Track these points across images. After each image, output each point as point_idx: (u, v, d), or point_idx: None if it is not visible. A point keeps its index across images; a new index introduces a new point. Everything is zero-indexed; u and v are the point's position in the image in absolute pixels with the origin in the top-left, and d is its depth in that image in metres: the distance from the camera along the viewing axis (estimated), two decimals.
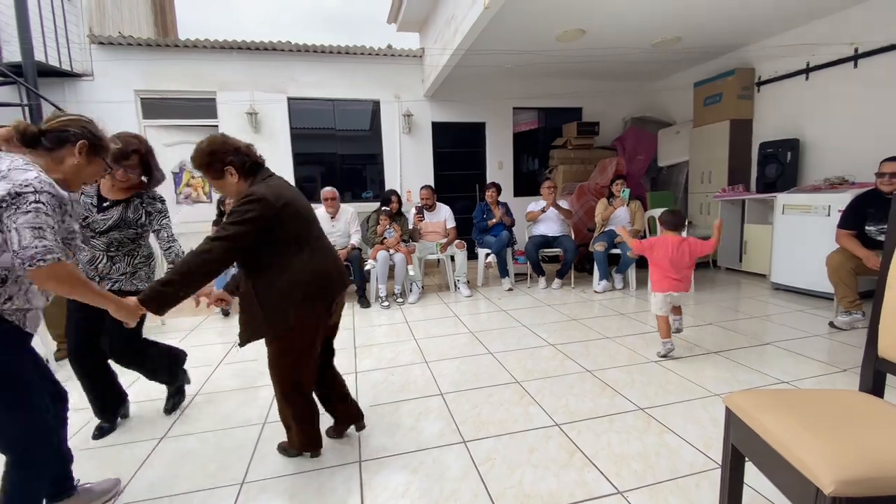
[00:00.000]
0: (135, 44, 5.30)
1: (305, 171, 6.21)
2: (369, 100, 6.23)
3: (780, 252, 4.25)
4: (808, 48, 4.57)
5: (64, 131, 1.33)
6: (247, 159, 1.66)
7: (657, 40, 4.84)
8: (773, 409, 1.14)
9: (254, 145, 1.73)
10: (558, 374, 2.57)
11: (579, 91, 6.77)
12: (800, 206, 4.07)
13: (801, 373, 2.46)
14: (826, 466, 0.93)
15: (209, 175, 1.65)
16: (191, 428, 2.15)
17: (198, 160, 1.63)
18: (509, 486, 1.61)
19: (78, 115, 1.40)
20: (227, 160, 1.62)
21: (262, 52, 5.69)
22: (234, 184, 1.66)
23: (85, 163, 1.38)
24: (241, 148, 1.66)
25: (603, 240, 4.53)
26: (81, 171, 1.38)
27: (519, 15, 3.97)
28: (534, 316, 3.77)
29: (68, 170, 1.35)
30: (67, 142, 1.34)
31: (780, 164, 4.74)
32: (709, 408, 2.11)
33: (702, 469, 1.66)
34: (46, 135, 1.31)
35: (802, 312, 3.58)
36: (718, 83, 5.37)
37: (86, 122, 1.39)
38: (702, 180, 5.69)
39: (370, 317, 4.00)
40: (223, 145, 1.63)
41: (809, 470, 0.95)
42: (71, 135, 1.34)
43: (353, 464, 1.80)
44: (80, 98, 5.21)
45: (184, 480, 1.74)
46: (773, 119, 5.08)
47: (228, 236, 1.49)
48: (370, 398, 2.37)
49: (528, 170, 7.16)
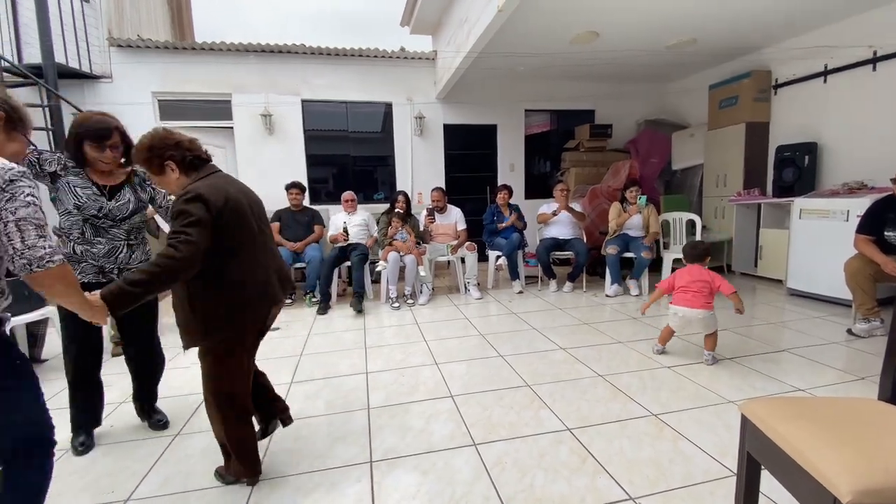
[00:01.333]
0: (153, 46, 5.40)
1: (318, 172, 6.26)
2: (382, 102, 6.27)
3: (796, 257, 4.18)
4: (825, 51, 4.50)
5: None
6: (188, 154, 1.57)
7: (672, 42, 4.80)
8: (790, 417, 1.13)
9: (198, 140, 1.65)
10: (570, 378, 2.56)
11: (592, 93, 6.73)
12: (817, 210, 4.00)
13: (817, 381, 2.42)
14: (843, 475, 0.91)
15: (150, 170, 1.58)
16: (205, 425, 2.17)
17: (137, 156, 1.56)
18: (520, 490, 1.60)
19: None
20: (167, 154, 1.54)
21: (276, 55, 5.76)
22: (175, 179, 1.57)
23: (4, 139, 1.21)
24: (184, 142, 1.58)
25: (616, 243, 4.49)
26: (2, 149, 1.19)
27: (532, 17, 3.97)
28: (545, 319, 3.76)
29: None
30: None
31: (798, 168, 4.67)
32: (723, 415, 2.08)
33: (716, 476, 1.64)
34: None
35: (819, 319, 3.52)
36: (734, 86, 5.31)
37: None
38: (717, 184, 5.62)
39: (380, 318, 4.02)
40: (163, 140, 1.55)
41: (827, 479, 0.94)
42: None
43: (363, 464, 1.81)
44: (99, 100, 5.32)
45: (199, 477, 1.77)
46: (790, 122, 5.00)
47: (191, 239, 1.40)
48: (381, 399, 2.38)
49: (539, 172, 7.14)
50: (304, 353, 3.14)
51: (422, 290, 4.58)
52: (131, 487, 1.71)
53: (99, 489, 1.70)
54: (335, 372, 2.79)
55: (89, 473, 1.81)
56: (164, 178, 1.58)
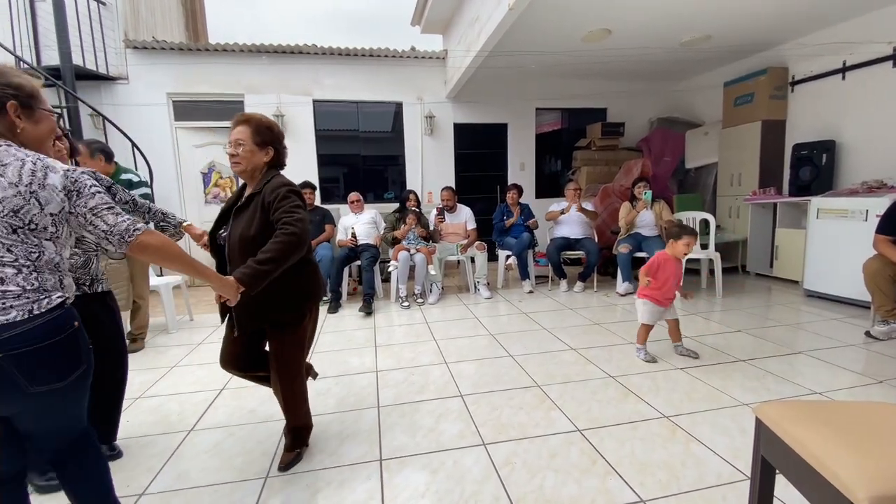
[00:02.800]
0: (168, 48, 5.47)
1: (329, 171, 6.30)
2: (392, 101, 6.28)
3: (813, 258, 4.10)
4: (844, 47, 4.40)
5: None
6: (284, 152, 1.82)
7: (686, 39, 4.73)
8: (807, 420, 1.11)
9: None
10: (580, 378, 2.54)
11: (604, 91, 6.67)
12: (836, 210, 3.92)
13: (834, 384, 2.37)
14: (861, 481, 0.90)
15: (255, 142, 1.69)
16: (219, 421, 2.21)
17: (263, 123, 1.72)
18: (530, 491, 1.60)
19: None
20: (276, 143, 1.77)
21: (288, 56, 5.80)
22: (262, 163, 1.73)
23: (32, 124, 1.19)
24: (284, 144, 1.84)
25: (628, 242, 4.45)
26: (34, 134, 1.20)
27: (544, 15, 3.94)
28: (555, 319, 3.74)
29: (25, 140, 1.18)
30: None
31: (815, 167, 4.58)
32: (737, 417, 2.05)
33: (729, 480, 1.61)
34: None
35: (837, 321, 3.45)
36: (750, 83, 5.22)
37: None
38: (731, 183, 5.54)
39: (390, 317, 4.03)
40: (280, 131, 1.80)
41: (844, 484, 0.92)
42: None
43: (373, 462, 1.82)
44: (115, 101, 5.41)
45: (212, 473, 1.79)
46: (807, 120, 4.91)
47: (304, 217, 1.59)
48: (391, 397, 2.39)
49: (550, 171, 7.10)
50: (316, 351, 3.16)
51: (431, 290, 4.59)
52: (146, 482, 1.74)
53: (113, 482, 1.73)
54: (346, 370, 2.80)
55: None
56: (257, 157, 1.71)
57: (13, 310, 1.05)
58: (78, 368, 1.17)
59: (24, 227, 1.08)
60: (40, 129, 1.21)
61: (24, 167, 1.09)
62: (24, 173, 1.08)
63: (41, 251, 1.12)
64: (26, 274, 1.08)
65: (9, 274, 1.06)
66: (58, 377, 1.13)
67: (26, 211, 1.08)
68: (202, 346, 3.37)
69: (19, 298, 1.06)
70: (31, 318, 1.07)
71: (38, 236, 1.11)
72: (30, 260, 1.09)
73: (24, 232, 1.09)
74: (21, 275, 1.08)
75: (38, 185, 1.09)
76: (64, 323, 1.14)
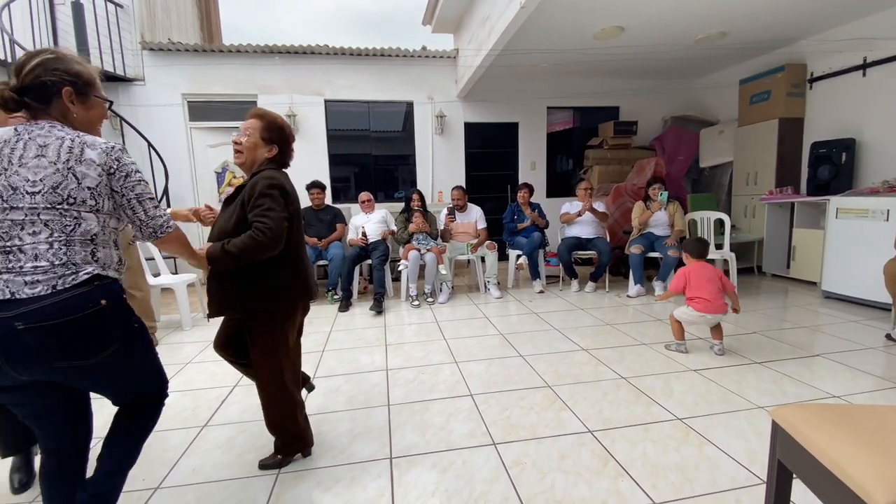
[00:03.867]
0: (183, 49, 5.55)
1: (340, 171, 6.33)
2: (403, 101, 6.29)
3: (832, 258, 4.02)
4: (865, 43, 4.30)
5: (41, 84, 1.15)
6: (289, 153, 1.81)
7: (701, 36, 4.66)
8: (825, 424, 1.08)
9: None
10: (591, 379, 2.52)
11: (617, 90, 6.61)
12: (855, 209, 3.83)
13: (853, 387, 2.32)
14: (881, 487, 0.87)
15: (262, 136, 1.70)
16: (232, 417, 2.23)
17: (276, 122, 1.74)
18: (540, 491, 1.59)
19: (37, 52, 1.17)
20: (282, 143, 1.76)
21: (300, 56, 5.84)
22: (264, 159, 1.72)
23: (84, 110, 1.23)
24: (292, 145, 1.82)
25: (640, 243, 4.40)
26: (87, 119, 1.25)
27: (556, 13, 3.92)
28: (566, 319, 3.71)
29: (78, 124, 1.22)
30: (52, 94, 1.17)
31: (834, 166, 4.48)
32: (752, 420, 2.01)
33: (744, 484, 1.59)
34: (27, 92, 1.15)
35: (856, 323, 3.37)
36: (766, 80, 5.13)
37: (51, 58, 1.16)
38: (747, 182, 5.45)
39: (400, 315, 4.04)
40: (291, 133, 1.79)
41: (863, 490, 0.90)
42: (50, 84, 1.16)
43: (384, 460, 1.82)
44: (132, 102, 5.50)
45: (225, 468, 1.81)
46: (826, 118, 4.81)
47: (275, 220, 1.54)
48: (401, 396, 2.40)
49: (561, 170, 7.05)
50: (327, 349, 3.18)
51: (441, 289, 4.59)
52: (161, 475, 1.77)
53: (129, 476, 1.75)
54: (356, 368, 2.82)
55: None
56: (259, 151, 1.71)
57: (39, 284, 1.08)
58: (106, 348, 1.17)
59: (63, 202, 1.12)
60: (91, 115, 1.26)
61: (62, 145, 1.14)
62: (62, 151, 1.13)
63: (78, 223, 1.14)
64: (56, 249, 1.11)
65: (41, 250, 1.10)
66: (82, 354, 1.14)
67: (64, 186, 1.12)
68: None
69: (46, 273, 1.09)
70: (53, 294, 1.09)
71: (77, 209, 1.14)
72: (63, 233, 1.12)
73: (63, 206, 1.13)
74: (52, 249, 1.11)
75: (75, 160, 1.14)
76: (85, 301, 1.13)
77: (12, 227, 1.08)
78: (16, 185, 1.09)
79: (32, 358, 1.09)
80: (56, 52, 1.18)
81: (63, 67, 1.17)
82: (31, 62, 1.14)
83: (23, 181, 1.09)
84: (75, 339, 1.12)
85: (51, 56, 1.16)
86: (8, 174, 1.09)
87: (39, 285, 1.08)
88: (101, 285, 1.17)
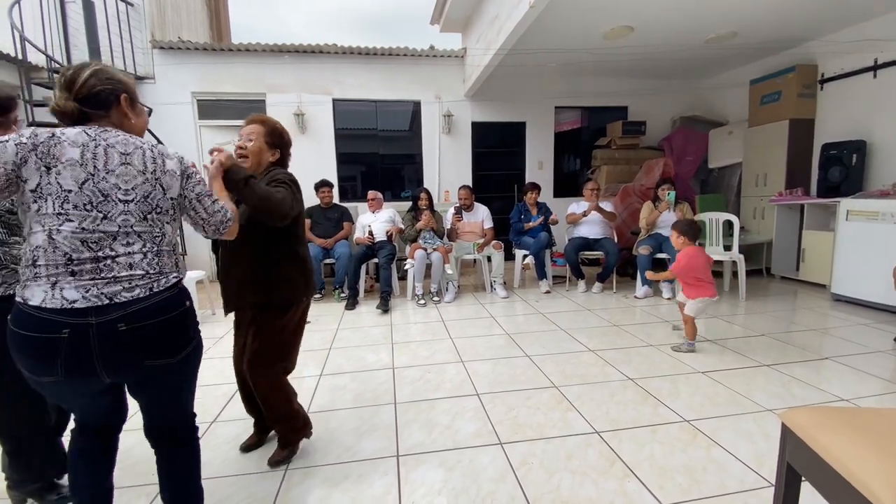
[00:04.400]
0: (192, 48, 5.59)
1: (348, 170, 6.35)
2: (410, 100, 6.30)
3: (842, 261, 3.98)
4: (876, 44, 4.25)
5: (97, 93, 1.15)
6: (288, 157, 1.89)
7: (711, 36, 4.63)
8: (836, 427, 1.07)
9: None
10: (598, 380, 2.52)
11: (625, 89, 6.58)
12: (866, 212, 3.79)
13: (861, 391, 2.30)
14: (891, 490, 0.87)
15: (266, 141, 1.75)
16: (240, 413, 2.25)
17: (277, 128, 1.80)
18: (547, 491, 1.59)
19: (82, 65, 1.16)
20: (283, 148, 1.84)
21: (308, 55, 5.86)
22: (268, 162, 1.79)
23: (136, 116, 1.25)
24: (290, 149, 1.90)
25: (648, 243, 4.38)
26: (140, 125, 1.28)
27: (565, 13, 3.90)
28: (573, 320, 3.71)
29: (132, 130, 1.23)
30: (111, 103, 1.18)
31: (845, 167, 4.44)
32: (760, 423, 2.00)
33: (752, 487, 1.58)
34: (85, 102, 1.14)
35: (865, 326, 3.34)
36: (777, 80, 5.08)
37: (101, 69, 1.17)
38: (756, 183, 5.41)
39: (406, 314, 4.05)
40: (289, 139, 1.86)
41: (874, 494, 0.89)
42: (108, 93, 1.17)
43: (391, 457, 1.83)
44: (142, 100, 5.44)
45: (234, 463, 1.83)
46: (837, 119, 4.76)
47: (287, 196, 1.59)
48: (407, 394, 2.41)
49: (569, 170, 7.03)
50: (333, 347, 3.20)
51: (447, 288, 4.59)
52: None
53: (136, 474, 1.78)
54: (363, 366, 2.83)
55: (128, 458, 1.88)
56: (264, 155, 1.76)
57: (137, 288, 1.12)
58: (188, 345, 1.23)
59: (153, 212, 1.16)
60: (140, 122, 1.29)
61: (144, 154, 1.17)
62: (147, 160, 1.17)
63: (164, 233, 1.20)
64: (150, 259, 1.15)
65: (136, 260, 1.13)
66: (170, 352, 1.19)
67: (153, 196, 1.16)
68: (225, 339, 3.44)
69: (142, 279, 1.13)
70: (152, 295, 1.14)
71: (161, 219, 1.19)
72: (154, 244, 1.17)
73: (153, 216, 1.16)
74: (146, 259, 1.14)
75: (160, 171, 1.18)
76: (176, 302, 1.20)
77: (104, 237, 1.09)
78: (106, 192, 1.09)
79: (128, 358, 1.13)
80: (101, 64, 1.20)
81: (115, 77, 1.20)
82: (82, 74, 1.14)
83: (113, 188, 1.10)
84: (167, 337, 1.18)
85: (99, 67, 1.18)
86: (96, 179, 1.08)
87: (137, 289, 1.12)
88: (182, 289, 1.24)
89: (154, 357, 1.16)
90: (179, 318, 1.20)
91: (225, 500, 1.62)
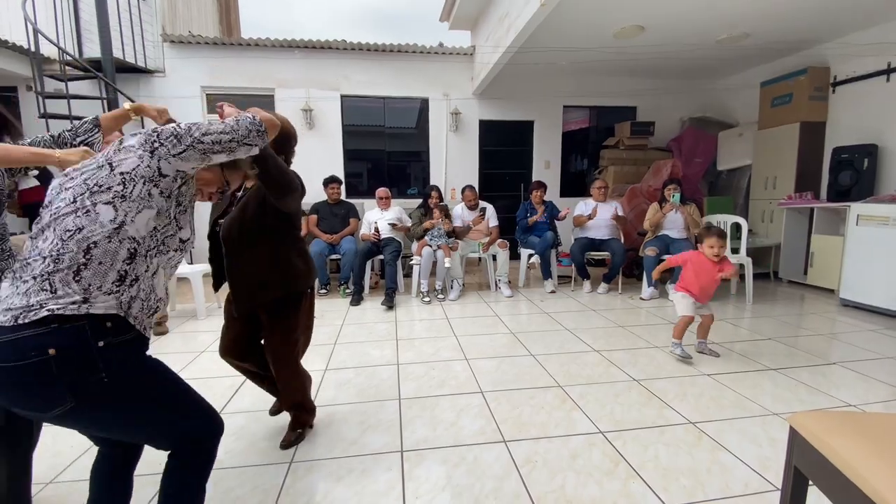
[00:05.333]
0: (203, 42, 5.62)
1: (354, 166, 6.36)
2: (418, 97, 6.29)
3: (851, 266, 3.94)
4: (889, 48, 4.21)
5: None
6: (291, 154, 1.85)
7: (722, 37, 4.59)
8: (844, 431, 1.07)
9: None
10: (603, 381, 2.51)
11: (634, 89, 6.53)
12: (877, 217, 3.75)
13: (869, 396, 2.28)
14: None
15: (278, 148, 1.68)
16: (245, 406, 2.27)
17: (289, 132, 1.74)
18: (550, 490, 1.59)
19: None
20: (290, 151, 1.81)
21: (317, 51, 5.87)
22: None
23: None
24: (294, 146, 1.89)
25: (655, 245, 4.36)
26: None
27: (575, 12, 3.89)
28: (577, 320, 3.70)
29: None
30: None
31: (856, 172, 4.40)
32: (767, 427, 1.99)
33: (757, 490, 1.57)
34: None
35: (874, 332, 3.31)
36: (789, 83, 5.04)
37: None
38: (765, 186, 5.36)
39: (411, 311, 4.06)
40: (294, 140, 1.81)
41: (883, 498, 0.89)
42: None
43: (395, 453, 1.84)
44: (152, 93, 5.58)
45: (239, 455, 1.84)
46: (848, 122, 4.71)
47: (295, 181, 1.66)
48: (412, 390, 2.41)
49: (576, 170, 7.00)
50: (338, 342, 3.21)
51: (452, 286, 4.59)
52: None
53: (144, 461, 1.79)
54: (367, 362, 2.84)
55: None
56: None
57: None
58: (62, 403, 0.93)
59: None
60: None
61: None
62: None
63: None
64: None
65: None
66: (34, 407, 0.95)
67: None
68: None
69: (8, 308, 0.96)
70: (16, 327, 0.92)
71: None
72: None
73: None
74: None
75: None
76: (41, 344, 0.91)
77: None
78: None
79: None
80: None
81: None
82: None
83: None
84: (21, 389, 0.97)
85: None
86: None
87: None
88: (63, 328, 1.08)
89: (18, 407, 0.96)
90: (38, 366, 0.90)
91: (229, 492, 1.63)
